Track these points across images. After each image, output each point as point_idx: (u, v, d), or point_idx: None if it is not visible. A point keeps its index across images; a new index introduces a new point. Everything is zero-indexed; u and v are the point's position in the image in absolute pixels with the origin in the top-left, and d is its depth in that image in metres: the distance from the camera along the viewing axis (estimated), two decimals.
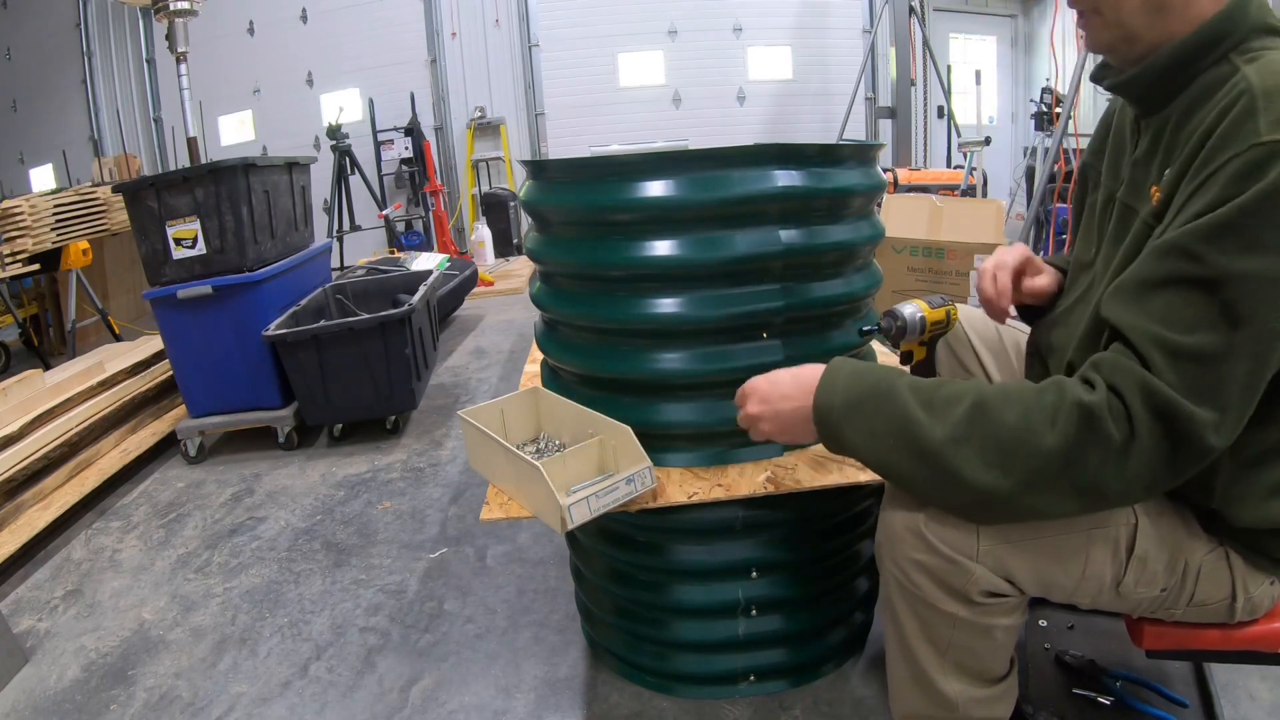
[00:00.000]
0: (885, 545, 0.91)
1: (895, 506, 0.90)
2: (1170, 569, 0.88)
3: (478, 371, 3.61)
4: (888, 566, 0.92)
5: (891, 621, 0.96)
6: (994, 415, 0.77)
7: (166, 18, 3.41)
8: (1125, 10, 0.83)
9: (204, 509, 2.41)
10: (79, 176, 7.13)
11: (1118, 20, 0.84)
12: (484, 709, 1.44)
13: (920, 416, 0.80)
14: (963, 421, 0.78)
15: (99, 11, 7.21)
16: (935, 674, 0.93)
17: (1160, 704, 1.27)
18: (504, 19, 6.81)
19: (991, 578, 0.85)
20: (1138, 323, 0.75)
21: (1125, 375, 0.74)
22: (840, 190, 1.20)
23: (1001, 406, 0.77)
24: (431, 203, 6.66)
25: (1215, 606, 0.91)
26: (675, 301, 1.16)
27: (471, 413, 1.30)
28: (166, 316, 2.64)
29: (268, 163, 2.86)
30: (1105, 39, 0.87)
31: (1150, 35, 0.83)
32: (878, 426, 0.83)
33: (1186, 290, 0.73)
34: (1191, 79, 0.82)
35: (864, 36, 6.99)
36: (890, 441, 0.82)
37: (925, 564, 0.87)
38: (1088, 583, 0.88)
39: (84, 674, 1.65)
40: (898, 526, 0.89)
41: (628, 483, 1.11)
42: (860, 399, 0.85)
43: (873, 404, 0.84)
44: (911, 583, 0.89)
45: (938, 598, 0.88)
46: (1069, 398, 0.75)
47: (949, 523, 0.85)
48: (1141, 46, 0.85)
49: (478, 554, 1.98)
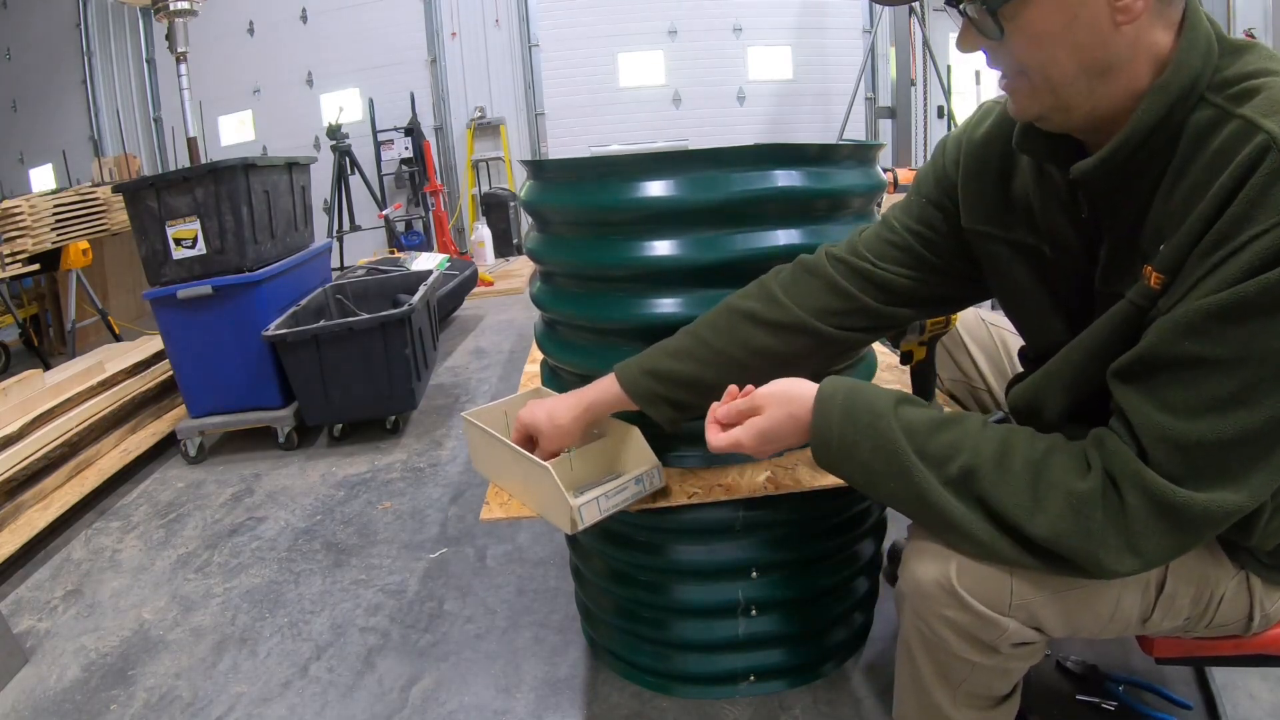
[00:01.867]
0: (911, 598, 0.85)
1: (923, 559, 0.83)
2: (1195, 601, 0.85)
3: (478, 371, 3.61)
4: (912, 619, 0.86)
5: (907, 661, 0.92)
6: (983, 484, 0.74)
7: (166, 18, 3.42)
8: (1058, 76, 0.71)
9: (204, 509, 2.41)
10: (79, 176, 7.13)
11: (1049, 87, 0.72)
12: (484, 709, 1.44)
13: (915, 463, 0.76)
14: (957, 480, 0.75)
15: (99, 11, 7.21)
16: (946, 707, 0.90)
17: (1163, 707, 1.26)
18: (504, 19, 6.81)
19: (1023, 630, 0.81)
20: (1142, 409, 0.69)
21: (1123, 467, 0.70)
22: (840, 190, 1.20)
23: (989, 475, 0.74)
24: (431, 203, 6.66)
25: (1232, 625, 0.89)
26: (675, 302, 1.16)
27: (475, 414, 1.29)
28: (166, 316, 2.64)
29: (268, 163, 2.86)
30: (1034, 108, 0.75)
31: (1089, 103, 0.73)
32: (876, 467, 0.79)
33: (1198, 372, 0.66)
34: (1178, 135, 0.71)
35: (864, 36, 6.98)
36: (890, 485, 0.78)
37: (955, 621, 0.81)
38: (1115, 623, 0.85)
39: (84, 674, 1.65)
40: (925, 581, 0.81)
41: (637, 483, 1.11)
42: (855, 442, 0.80)
43: (868, 446, 0.79)
44: (937, 636, 0.83)
45: (962, 649, 0.83)
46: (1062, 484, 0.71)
47: (982, 577, 0.79)
48: (1080, 114, 0.74)
49: (478, 554, 1.98)
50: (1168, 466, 0.68)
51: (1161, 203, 0.72)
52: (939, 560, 0.81)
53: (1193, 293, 0.67)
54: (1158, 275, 0.71)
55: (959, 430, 0.77)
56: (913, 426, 0.78)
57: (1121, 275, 0.78)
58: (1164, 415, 0.68)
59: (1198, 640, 0.94)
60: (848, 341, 1.04)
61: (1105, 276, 0.81)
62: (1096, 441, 0.73)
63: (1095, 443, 0.73)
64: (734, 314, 1.04)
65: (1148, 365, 0.70)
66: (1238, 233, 0.63)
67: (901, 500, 0.79)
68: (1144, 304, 0.73)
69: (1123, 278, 0.78)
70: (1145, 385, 0.70)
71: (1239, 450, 0.66)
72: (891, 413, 0.79)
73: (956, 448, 0.76)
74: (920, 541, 0.85)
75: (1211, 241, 0.66)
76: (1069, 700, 1.31)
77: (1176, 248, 0.69)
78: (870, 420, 0.80)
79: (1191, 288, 0.67)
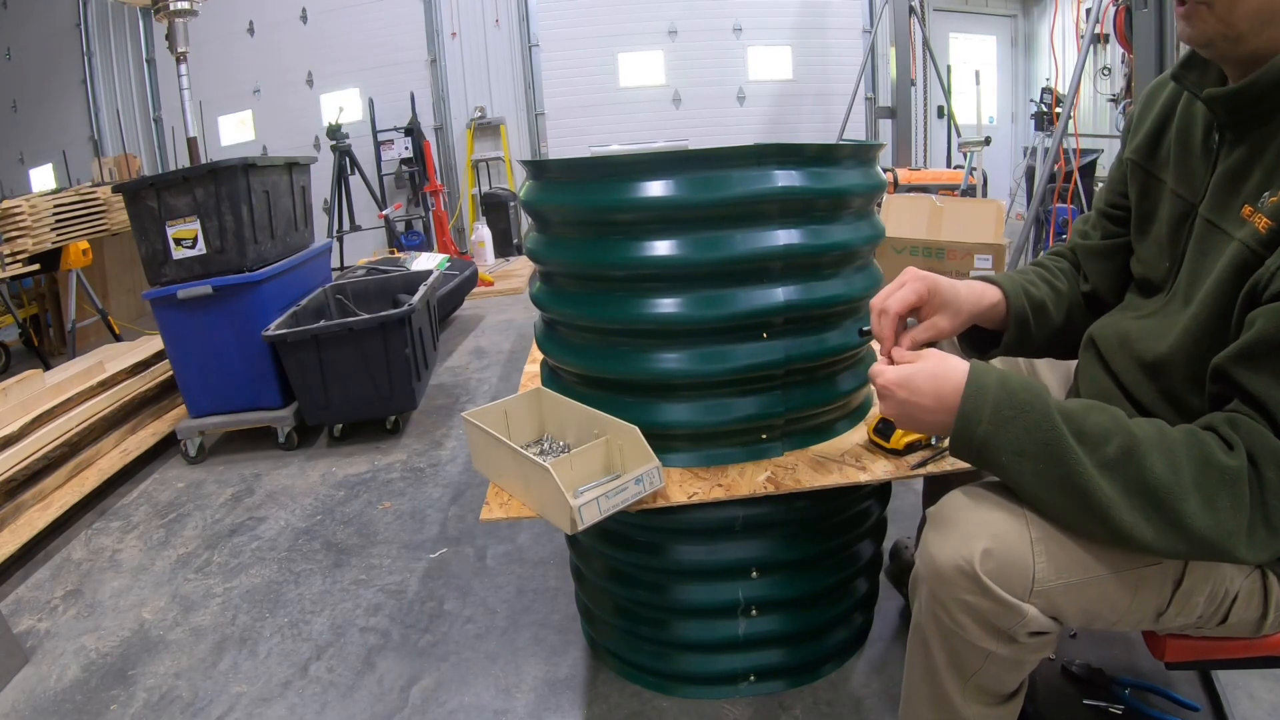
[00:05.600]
0: (930, 582, 0.85)
1: (944, 540, 0.83)
2: (1210, 599, 0.86)
3: (478, 371, 3.61)
4: (929, 603, 0.86)
5: (920, 649, 0.92)
6: (1144, 461, 0.75)
7: (166, 18, 3.42)
8: (1240, 12, 0.77)
9: (204, 509, 2.41)
10: (79, 176, 7.14)
11: (1228, 18, 0.78)
12: (484, 709, 1.44)
13: (1072, 444, 0.77)
14: (1113, 460, 0.76)
15: (99, 11, 7.21)
16: (956, 698, 0.91)
17: (1170, 709, 1.26)
18: (504, 19, 6.82)
19: (1041, 619, 0.82)
20: (1273, 392, 0.73)
21: (1262, 445, 0.73)
22: (840, 190, 1.19)
23: (1150, 453, 0.75)
24: (431, 203, 6.67)
25: (1245, 625, 0.90)
26: (675, 302, 1.16)
27: (475, 414, 1.29)
28: (166, 316, 2.64)
29: (268, 163, 2.86)
30: (1208, 33, 0.80)
31: (1257, 41, 0.78)
32: (1027, 448, 0.79)
33: None
34: None
35: (864, 36, 6.99)
36: (1037, 466, 0.79)
37: (975, 606, 0.81)
38: (1131, 615, 0.86)
39: (84, 674, 1.65)
40: (945, 565, 0.82)
41: (636, 483, 1.11)
42: (1010, 418, 0.80)
43: (1022, 424, 0.79)
44: (954, 622, 0.84)
45: (979, 637, 0.84)
46: (1215, 461, 0.74)
47: (1005, 562, 0.80)
48: (1245, 49, 0.79)
49: (478, 554, 1.98)
50: None
51: (1275, 154, 0.78)
52: (961, 544, 0.81)
53: None
54: (1266, 220, 0.76)
55: (1110, 414, 0.79)
56: (1067, 409, 0.80)
57: (1223, 208, 0.83)
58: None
59: (1208, 642, 0.94)
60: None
61: (1210, 204, 0.85)
62: (1230, 423, 0.76)
63: (1229, 424, 0.76)
64: (1062, 266, 1.13)
65: (1270, 348, 0.73)
66: None
67: (1041, 483, 0.79)
68: (1257, 248, 0.77)
69: (1223, 211, 0.83)
70: (1272, 368, 0.73)
71: None
72: (1047, 393, 0.81)
73: (1112, 430, 0.77)
74: (940, 525, 0.85)
75: None
76: (1076, 704, 1.31)
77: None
78: (1028, 399, 0.80)
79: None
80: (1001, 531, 0.81)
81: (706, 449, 1.24)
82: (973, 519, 0.83)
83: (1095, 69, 5.66)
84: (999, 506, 0.83)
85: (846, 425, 1.33)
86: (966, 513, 0.84)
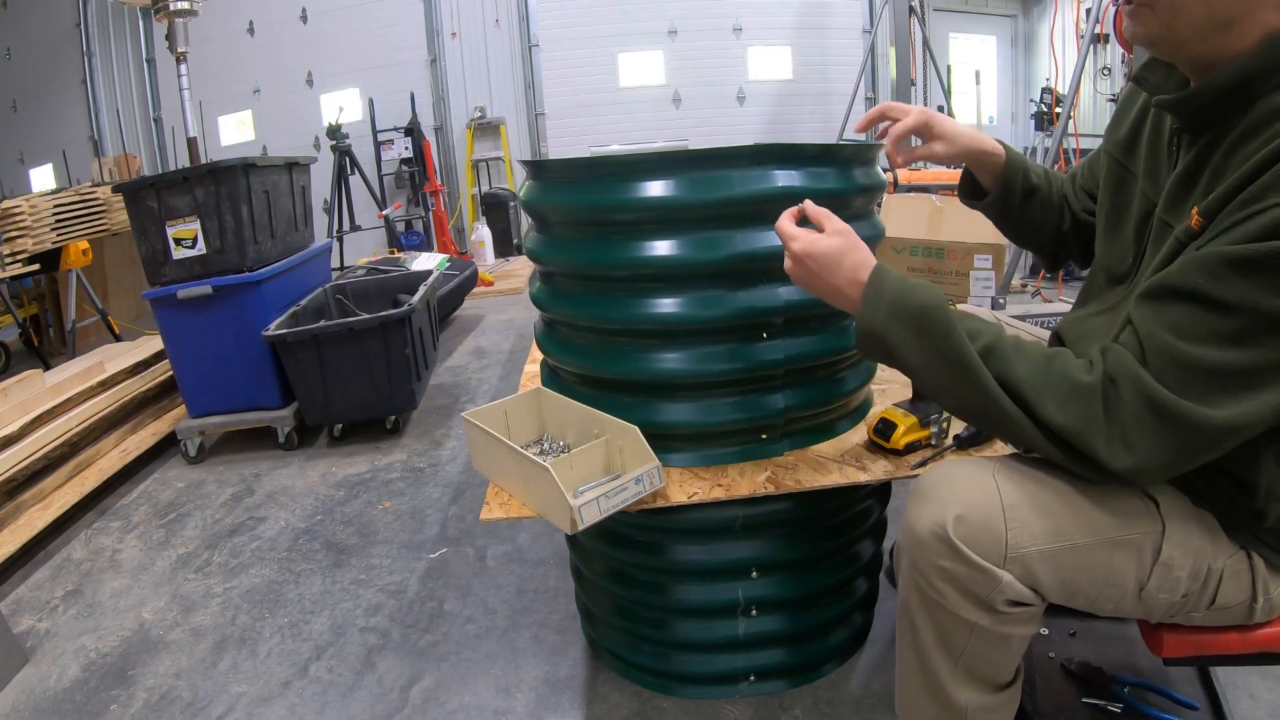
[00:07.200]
0: (908, 550, 0.88)
1: (920, 510, 0.87)
2: (1194, 575, 0.87)
3: (478, 371, 3.61)
4: (909, 572, 0.89)
5: (908, 627, 0.94)
6: (1004, 363, 0.82)
7: (166, 18, 3.42)
8: (1184, 19, 0.78)
9: (204, 509, 2.41)
10: (79, 176, 7.13)
11: (1170, 23, 0.79)
12: (484, 709, 1.44)
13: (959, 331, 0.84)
14: (983, 354, 0.83)
15: (99, 11, 7.21)
16: (947, 681, 0.92)
17: (1169, 708, 1.26)
18: (504, 19, 6.82)
19: (1018, 586, 0.84)
20: (1152, 327, 0.78)
21: (1123, 368, 0.77)
22: (840, 190, 1.19)
23: (1012, 356, 0.82)
24: (431, 203, 6.67)
25: (1235, 609, 0.90)
26: (675, 302, 1.16)
27: (475, 414, 1.29)
28: (166, 316, 2.65)
29: (268, 163, 2.86)
30: (1151, 34, 0.82)
31: (1203, 47, 0.79)
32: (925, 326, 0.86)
33: (1204, 307, 0.75)
34: (1250, 104, 0.78)
35: (864, 36, 6.99)
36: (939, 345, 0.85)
37: (951, 571, 0.85)
38: (1111, 589, 0.87)
39: (84, 674, 1.65)
40: (923, 532, 0.86)
41: (636, 483, 1.11)
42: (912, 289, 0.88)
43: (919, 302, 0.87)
44: (935, 590, 0.87)
45: (960, 605, 0.86)
46: (1069, 376, 0.79)
47: (978, 528, 0.83)
48: (1189, 52, 0.81)
49: (478, 554, 1.98)
50: (1163, 376, 0.76)
51: (1222, 158, 0.81)
52: (936, 509, 0.86)
53: (1218, 239, 0.76)
54: (1199, 218, 0.80)
55: (981, 321, 0.86)
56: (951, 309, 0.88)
57: (1175, 209, 0.87)
58: (1168, 334, 0.76)
59: (1205, 636, 0.94)
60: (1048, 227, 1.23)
61: (1164, 204, 0.90)
62: (1101, 349, 0.81)
63: (1100, 350, 0.81)
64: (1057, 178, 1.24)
65: (1166, 290, 0.78)
66: (1264, 197, 0.72)
67: (940, 361, 0.85)
68: (1186, 241, 0.81)
69: (1176, 213, 0.87)
70: (1158, 306, 0.78)
71: (1229, 380, 0.74)
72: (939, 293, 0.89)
73: (981, 331, 0.85)
74: (918, 496, 0.89)
75: (1243, 200, 0.74)
76: (1075, 702, 1.31)
77: (1218, 198, 0.77)
78: (925, 287, 0.89)
79: (1219, 234, 0.76)
80: (974, 499, 0.85)
81: (706, 449, 1.24)
82: (947, 488, 0.87)
83: (1095, 69, 5.66)
84: (971, 477, 0.87)
85: (846, 425, 1.33)
86: (941, 484, 0.88)
